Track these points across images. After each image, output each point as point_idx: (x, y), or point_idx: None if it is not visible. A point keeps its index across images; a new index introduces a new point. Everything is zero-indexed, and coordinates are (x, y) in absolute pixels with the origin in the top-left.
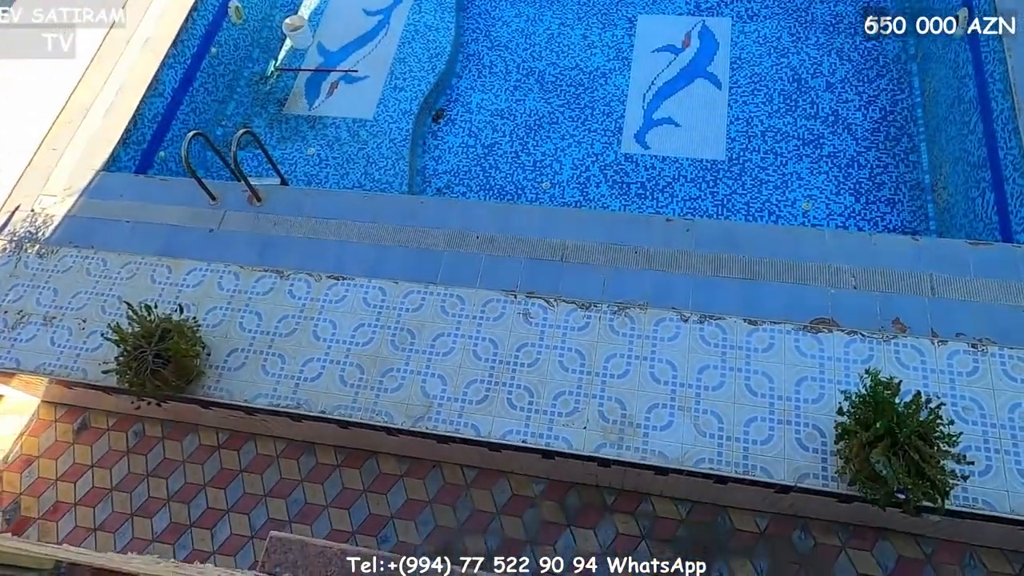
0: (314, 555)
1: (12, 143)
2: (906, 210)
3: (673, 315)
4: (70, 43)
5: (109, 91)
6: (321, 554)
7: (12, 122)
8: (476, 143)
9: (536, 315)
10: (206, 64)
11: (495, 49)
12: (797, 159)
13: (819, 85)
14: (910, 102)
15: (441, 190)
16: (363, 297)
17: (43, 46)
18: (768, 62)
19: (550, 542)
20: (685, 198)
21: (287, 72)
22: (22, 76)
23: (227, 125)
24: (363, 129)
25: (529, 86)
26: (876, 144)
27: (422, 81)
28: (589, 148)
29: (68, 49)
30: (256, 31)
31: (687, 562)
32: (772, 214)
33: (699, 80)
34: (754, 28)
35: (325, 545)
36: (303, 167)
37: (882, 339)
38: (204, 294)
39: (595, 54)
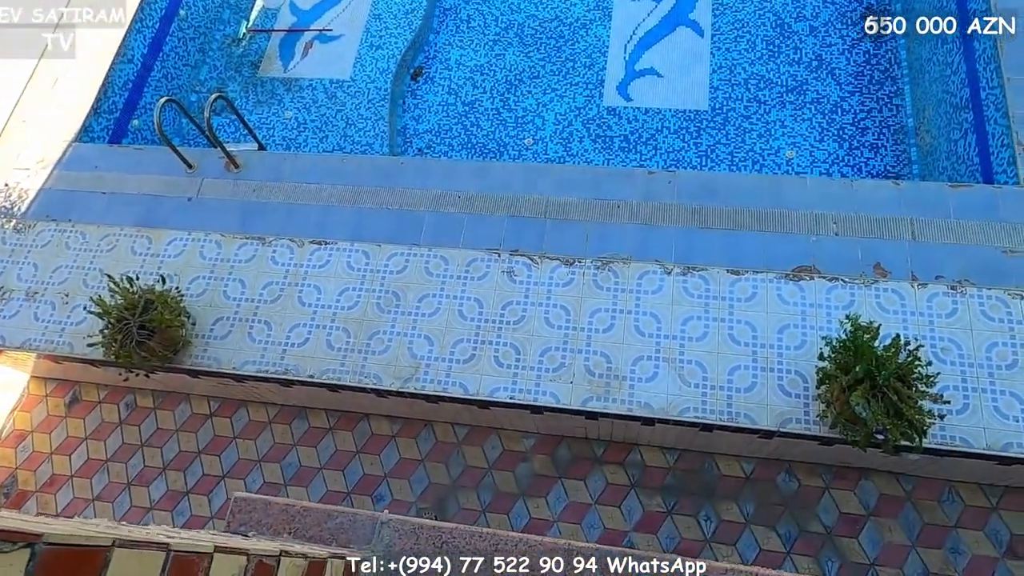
0: (277, 512)
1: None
2: (889, 154)
3: (656, 268)
4: (70, 43)
5: (77, 58)
6: (284, 511)
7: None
8: (456, 101)
9: (520, 273)
10: (175, 28)
11: (472, 2)
12: (780, 106)
13: (802, 29)
14: (893, 44)
15: (422, 150)
16: (347, 261)
17: (43, 46)
18: (750, 7)
19: (541, 495)
20: (669, 150)
21: (260, 33)
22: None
23: (201, 91)
24: (340, 90)
25: (508, 40)
26: (860, 88)
27: (399, 38)
28: (571, 102)
29: (68, 49)
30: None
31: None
32: (756, 163)
33: (681, 28)
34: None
35: (288, 503)
36: (281, 131)
37: (863, 284)
38: (186, 263)
39: (575, 4)
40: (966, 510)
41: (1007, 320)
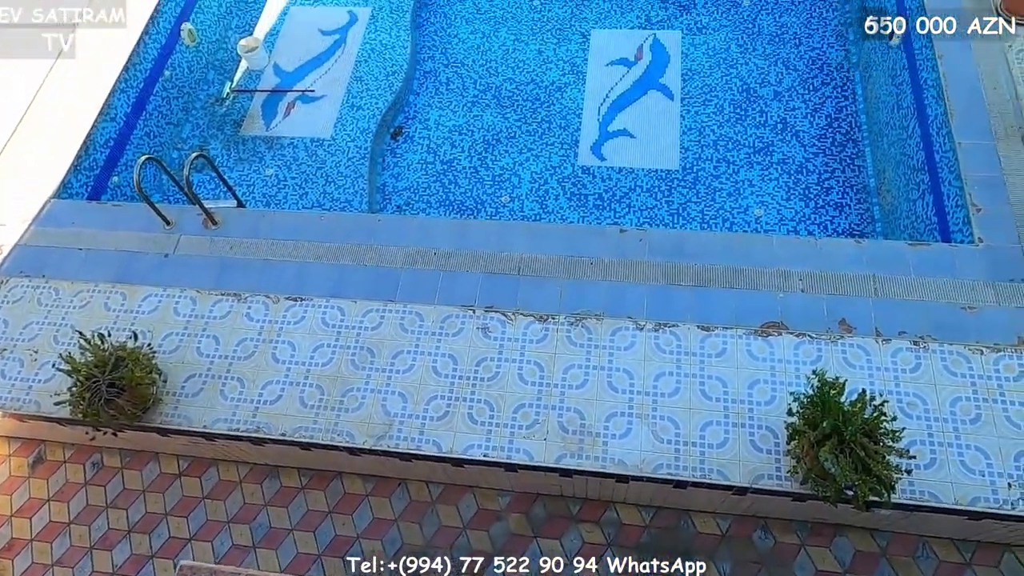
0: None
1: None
2: (854, 213)
3: (629, 324)
4: (70, 43)
5: (59, 116)
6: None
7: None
8: (435, 159)
9: (495, 329)
10: (160, 87)
11: (452, 66)
12: (748, 166)
13: (767, 94)
14: (854, 108)
15: (401, 207)
16: (322, 317)
17: (43, 46)
18: (718, 73)
19: (517, 554)
20: (642, 208)
21: (243, 93)
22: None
23: (183, 148)
24: (321, 148)
25: (486, 102)
26: (823, 150)
27: (379, 99)
28: (547, 161)
29: (68, 49)
30: (211, 53)
31: (687, 562)
32: (726, 221)
33: (652, 92)
34: (703, 40)
35: (234, 571)
36: (261, 188)
37: (829, 340)
38: (160, 320)
39: (550, 69)
40: (941, 566)
41: (969, 375)
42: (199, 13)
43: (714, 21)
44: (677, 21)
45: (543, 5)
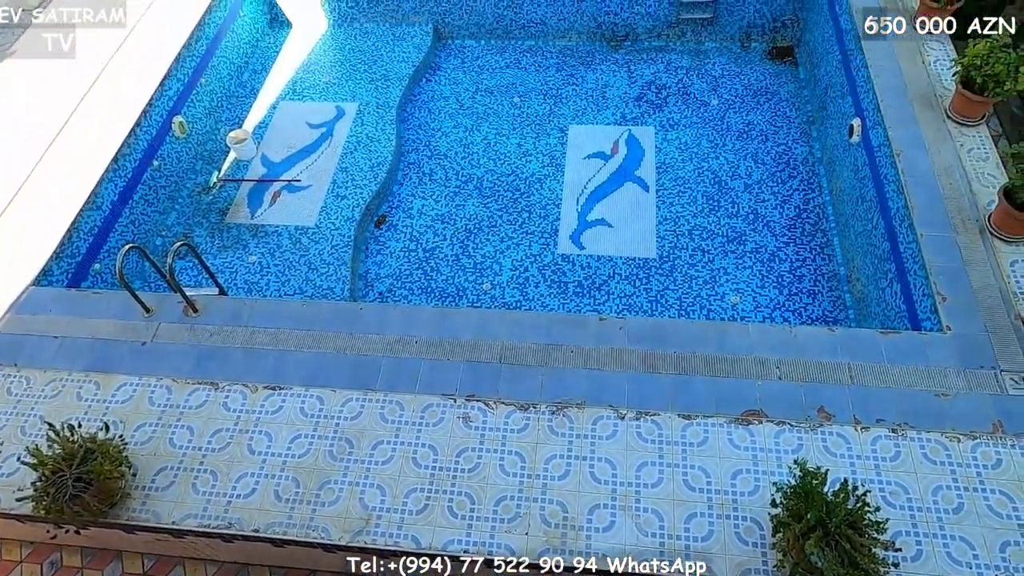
0: None
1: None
2: (826, 300)
3: (610, 412)
4: (70, 43)
5: (43, 204)
6: None
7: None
8: (417, 247)
9: (476, 418)
10: (147, 177)
11: (435, 158)
12: (723, 255)
13: (738, 186)
14: (820, 200)
15: (383, 294)
16: (300, 407)
17: (43, 46)
18: (690, 166)
19: None
20: (621, 295)
21: (230, 183)
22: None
23: (167, 235)
24: (305, 236)
25: (468, 192)
26: (794, 239)
27: (364, 189)
28: (527, 250)
29: (68, 49)
30: (200, 144)
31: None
32: (703, 308)
33: (628, 184)
34: (676, 136)
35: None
36: (244, 275)
37: (809, 428)
38: (134, 410)
39: (530, 161)
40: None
41: (948, 463)
42: (191, 107)
43: (685, 118)
44: (650, 118)
45: (523, 102)
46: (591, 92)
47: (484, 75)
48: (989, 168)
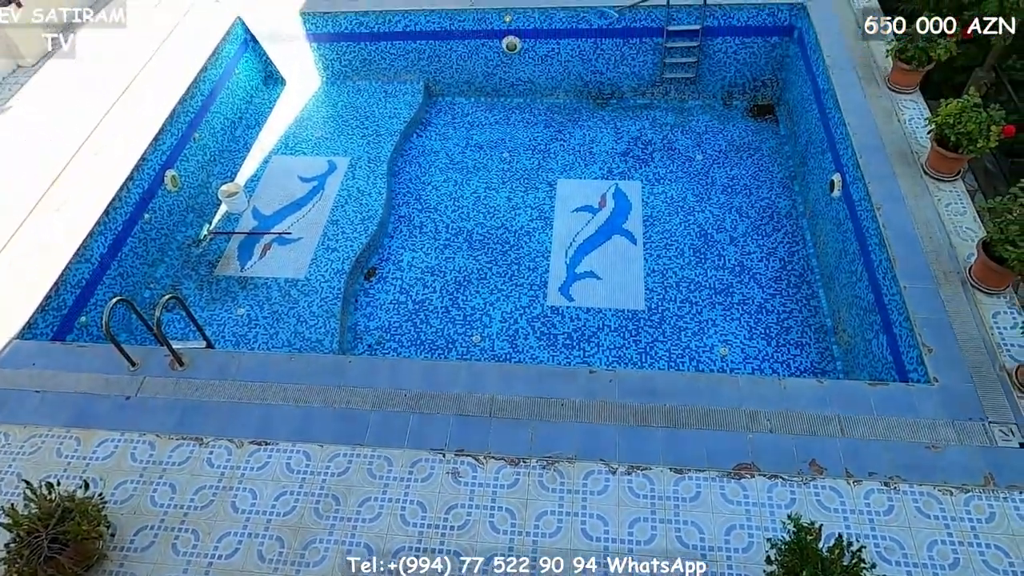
0: None
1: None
2: (814, 351)
3: (601, 467)
4: (70, 43)
5: (32, 256)
6: None
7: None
8: (407, 299)
9: (465, 474)
10: (138, 229)
11: (425, 211)
12: (711, 307)
13: (724, 239)
14: (805, 253)
15: (372, 346)
16: (286, 463)
17: (43, 46)
18: (677, 219)
19: None
20: (610, 347)
21: (220, 235)
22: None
23: (155, 288)
24: (295, 288)
25: (458, 244)
26: (780, 291)
27: (354, 242)
28: (517, 302)
29: (68, 49)
30: (192, 197)
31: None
32: (693, 360)
33: (616, 237)
34: (662, 190)
35: None
36: (232, 328)
37: (802, 482)
38: (115, 466)
39: (519, 214)
40: None
41: (941, 516)
42: (184, 161)
43: (671, 173)
44: (637, 173)
45: (512, 157)
46: (578, 147)
47: (474, 131)
48: (967, 222)
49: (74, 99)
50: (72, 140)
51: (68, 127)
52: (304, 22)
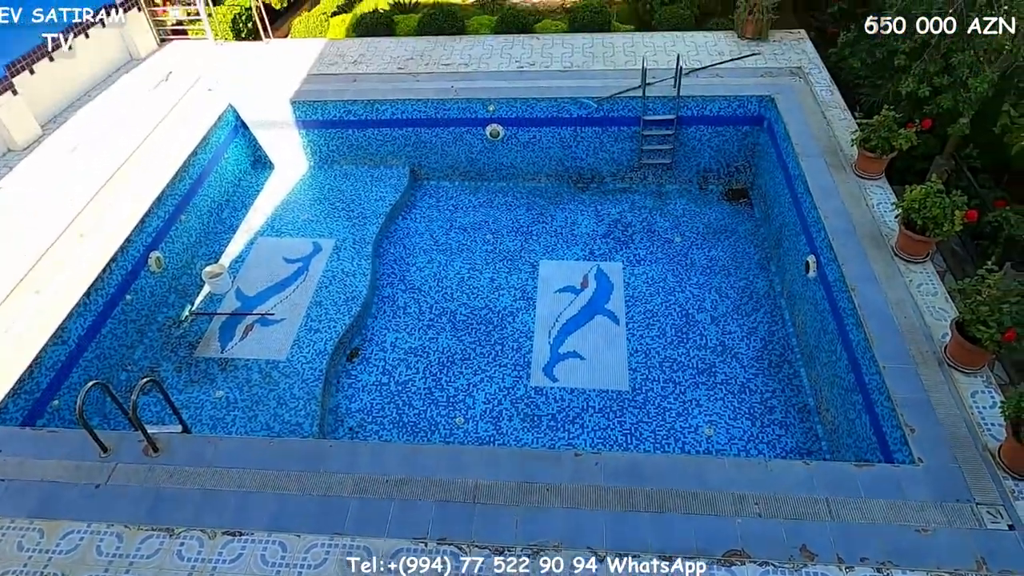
0: None
1: None
2: (798, 431)
3: (589, 555)
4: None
5: (9, 337)
6: None
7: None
8: (390, 380)
9: (447, 564)
10: (118, 311)
11: (409, 291)
12: (694, 386)
13: (705, 319)
14: (784, 332)
15: (353, 429)
16: (261, 555)
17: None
18: (658, 300)
19: None
20: (595, 428)
21: (202, 316)
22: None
23: (132, 370)
24: (275, 370)
25: (442, 325)
26: (762, 370)
27: (338, 322)
28: (500, 383)
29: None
30: (175, 278)
31: (687, 562)
32: (678, 440)
33: (599, 317)
34: (643, 271)
35: None
36: (210, 411)
37: (793, 568)
38: (79, 561)
39: (503, 295)
40: None
41: None
42: (169, 242)
43: (651, 254)
44: (618, 254)
45: (495, 238)
46: (560, 229)
47: (458, 213)
48: (939, 302)
49: (63, 182)
50: (58, 222)
51: (55, 209)
52: (294, 109)
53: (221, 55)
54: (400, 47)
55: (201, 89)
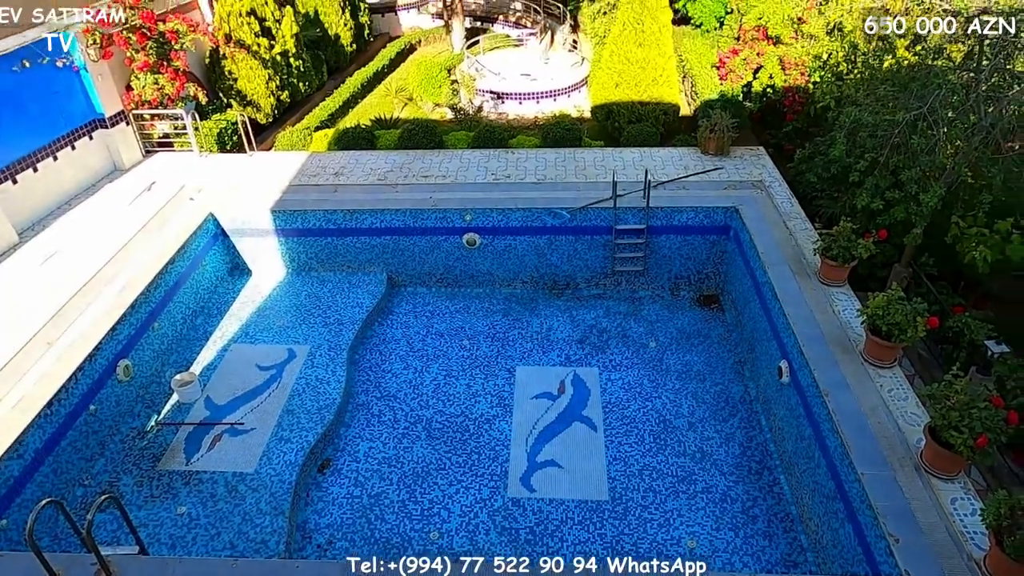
0: None
1: None
2: (783, 542)
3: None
4: (70, 42)
5: None
6: None
7: None
8: (362, 493)
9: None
10: (81, 422)
11: (384, 399)
12: (675, 495)
13: (682, 425)
14: (762, 438)
15: (322, 546)
16: None
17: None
18: (636, 405)
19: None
20: (575, 542)
21: (169, 427)
22: None
23: (91, 485)
24: (242, 483)
25: (417, 433)
26: (742, 478)
27: (309, 432)
28: (477, 494)
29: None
30: (143, 387)
31: (687, 562)
32: (660, 553)
33: (576, 423)
34: (619, 376)
35: None
36: (170, 528)
37: None
38: None
39: (479, 402)
40: None
41: None
42: (139, 350)
43: (627, 359)
44: (594, 359)
45: (472, 344)
46: (536, 335)
47: (435, 319)
48: (910, 407)
49: (36, 290)
50: (26, 331)
51: (25, 318)
52: (275, 218)
53: (205, 166)
54: (381, 160)
55: (183, 199)
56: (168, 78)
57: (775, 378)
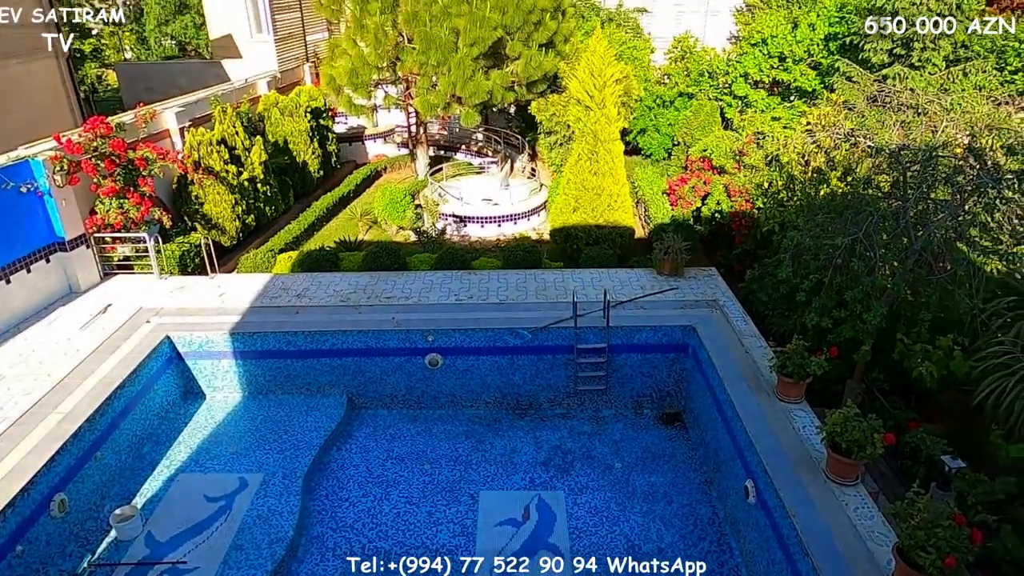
0: None
1: None
2: None
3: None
4: (70, 42)
5: None
6: None
7: None
8: None
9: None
10: (3, 566)
11: (340, 530)
12: None
13: (651, 550)
14: (734, 563)
15: None
16: None
17: None
18: (603, 530)
19: None
20: None
21: (103, 568)
22: None
23: None
24: None
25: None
26: None
27: (259, 569)
28: None
29: (67, 48)
30: (78, 523)
31: (687, 562)
32: None
33: (542, 552)
34: (585, 500)
35: None
36: None
37: None
38: None
39: (440, 531)
40: None
41: None
42: (78, 482)
43: (592, 481)
44: (559, 482)
45: (433, 468)
46: (500, 458)
47: (395, 443)
48: (877, 526)
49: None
50: None
51: None
52: (233, 341)
53: (164, 289)
54: (344, 281)
55: (139, 322)
56: (133, 203)
57: (742, 498)
